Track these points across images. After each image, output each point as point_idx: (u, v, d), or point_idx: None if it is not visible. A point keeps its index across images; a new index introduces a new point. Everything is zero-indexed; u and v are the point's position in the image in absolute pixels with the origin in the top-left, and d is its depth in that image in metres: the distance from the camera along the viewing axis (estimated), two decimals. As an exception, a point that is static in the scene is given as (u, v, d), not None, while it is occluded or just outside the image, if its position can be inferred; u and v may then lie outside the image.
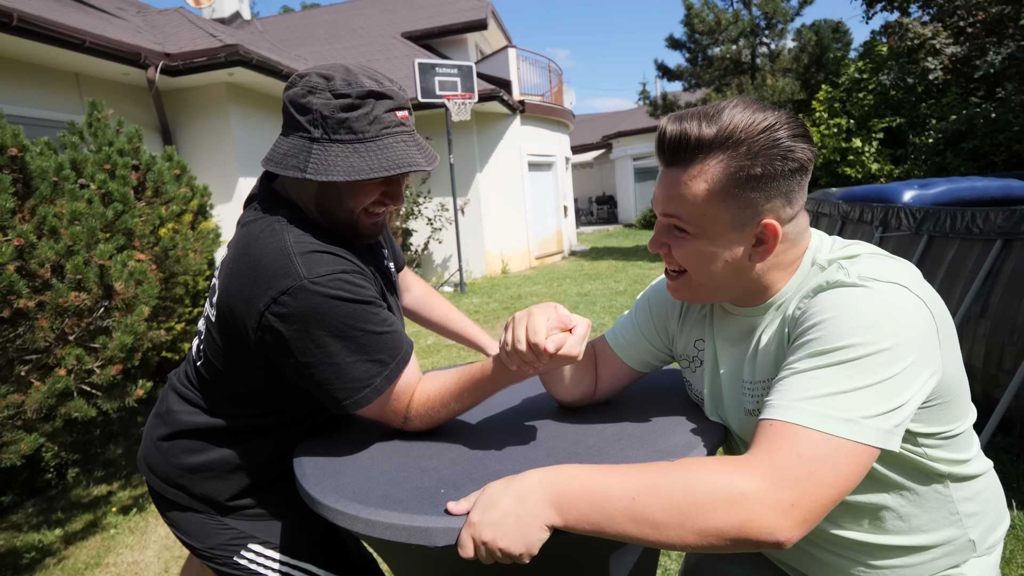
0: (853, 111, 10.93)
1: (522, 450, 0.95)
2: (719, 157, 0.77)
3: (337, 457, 1.00)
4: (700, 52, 12.95)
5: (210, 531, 1.11)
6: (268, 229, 0.98)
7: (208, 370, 1.08)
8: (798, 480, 0.66)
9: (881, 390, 0.69)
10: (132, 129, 3.07)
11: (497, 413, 1.13)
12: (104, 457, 3.60)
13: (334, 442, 1.07)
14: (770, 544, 0.65)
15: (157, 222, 3.01)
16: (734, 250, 0.82)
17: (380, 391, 0.97)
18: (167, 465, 1.12)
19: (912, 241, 3.48)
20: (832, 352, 0.71)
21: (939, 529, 0.86)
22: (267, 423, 1.09)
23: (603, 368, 1.09)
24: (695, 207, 0.80)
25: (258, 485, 1.12)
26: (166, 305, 3.18)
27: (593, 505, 0.70)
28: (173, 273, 2.98)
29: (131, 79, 6.01)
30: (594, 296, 7.78)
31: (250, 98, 6.98)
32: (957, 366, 0.81)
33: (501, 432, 1.03)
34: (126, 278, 2.36)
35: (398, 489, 0.85)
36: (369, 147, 0.95)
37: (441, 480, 0.86)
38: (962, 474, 0.86)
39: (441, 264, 10.73)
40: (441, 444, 1.00)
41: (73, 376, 2.25)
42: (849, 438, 0.67)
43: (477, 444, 0.99)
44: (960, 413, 0.83)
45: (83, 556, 2.60)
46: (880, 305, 0.72)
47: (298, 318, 0.91)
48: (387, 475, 0.90)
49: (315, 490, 0.88)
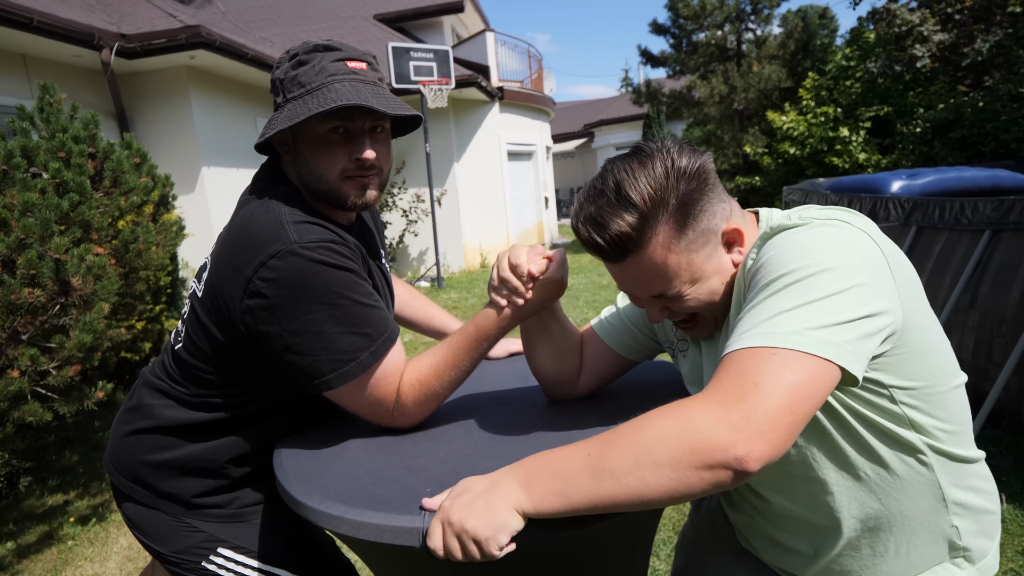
0: (840, 99, 11.10)
1: (512, 448, 0.95)
2: (655, 226, 0.82)
3: (320, 457, 0.99)
4: (685, 38, 13.04)
5: (177, 534, 1.10)
6: (264, 204, 1.03)
7: (188, 351, 1.08)
8: (743, 394, 0.67)
9: (825, 305, 0.71)
10: (88, 115, 3.00)
11: (486, 411, 1.13)
12: (60, 464, 3.53)
13: (316, 441, 1.07)
14: (734, 466, 0.64)
15: (116, 214, 2.95)
16: (720, 265, 0.88)
17: (366, 366, 0.98)
18: (135, 462, 1.11)
19: (900, 232, 3.56)
20: (773, 282, 0.75)
21: (922, 516, 0.87)
22: (242, 415, 1.09)
23: (587, 350, 1.14)
24: (673, 270, 0.85)
25: (228, 484, 1.11)
26: (126, 302, 3.12)
27: (555, 473, 0.72)
28: (134, 268, 2.93)
29: (84, 62, 5.87)
30: (577, 290, 7.82)
31: (213, 83, 6.87)
32: (927, 316, 0.83)
33: (490, 430, 1.04)
34: (83, 273, 2.31)
35: (384, 489, 0.85)
36: (316, 95, 1.00)
37: (428, 479, 0.87)
38: (950, 452, 0.86)
39: (417, 258, 10.69)
40: (428, 443, 1.01)
41: (27, 378, 2.20)
42: (792, 347, 0.68)
43: (465, 443, 0.99)
44: (938, 370, 0.83)
45: (38, 570, 2.55)
46: (821, 236, 0.77)
47: (286, 282, 0.94)
48: (372, 475, 0.90)
49: (298, 491, 0.87)
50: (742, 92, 11.85)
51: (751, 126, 12.47)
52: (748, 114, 12.67)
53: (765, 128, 12.17)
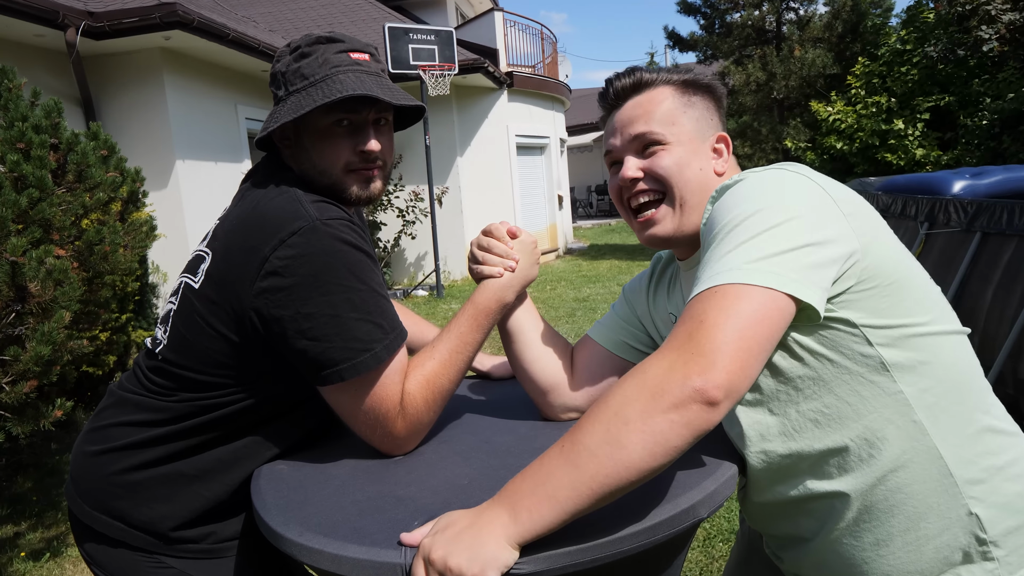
0: (894, 88, 11.10)
1: (509, 477, 0.96)
2: (665, 85, 1.05)
3: (303, 484, 1.01)
4: (717, 18, 13.11)
5: (145, 572, 1.11)
6: (275, 188, 1.10)
7: (175, 352, 1.09)
8: (690, 334, 0.75)
9: (761, 241, 0.80)
10: (50, 102, 3.05)
11: (488, 436, 1.15)
12: (10, 492, 3.56)
13: (300, 467, 1.08)
14: (696, 398, 0.71)
15: (80, 212, 2.99)
16: (703, 159, 1.03)
17: (380, 359, 1.02)
18: (104, 486, 1.11)
19: (962, 239, 3.55)
20: (716, 235, 0.86)
21: (927, 496, 0.87)
22: (231, 425, 1.10)
23: (580, 356, 1.23)
24: (665, 117, 1.02)
25: (211, 512, 1.12)
26: (89, 310, 3.16)
27: (536, 481, 0.76)
28: (99, 272, 2.97)
29: (46, 42, 5.97)
30: (594, 301, 7.83)
31: (190, 67, 6.96)
32: (897, 252, 0.89)
33: (491, 457, 1.05)
34: (43, 277, 2.35)
35: (369, 521, 0.86)
36: (319, 87, 1.08)
37: (418, 511, 0.88)
38: (947, 408, 0.87)
39: (414, 263, 10.74)
40: (422, 470, 1.02)
41: (-22, 394, 2.23)
42: (733, 281, 0.77)
43: (463, 471, 1.00)
44: (919, 308, 0.88)
45: (-13, 609, 2.57)
46: (754, 184, 0.88)
47: (306, 259, 0.99)
48: (358, 505, 0.91)
49: (276, 521, 0.88)
50: (782, 79, 11.86)
51: (792, 118, 12.47)
52: (789, 104, 12.68)
53: (808, 120, 12.17)
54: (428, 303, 8.72)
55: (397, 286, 10.30)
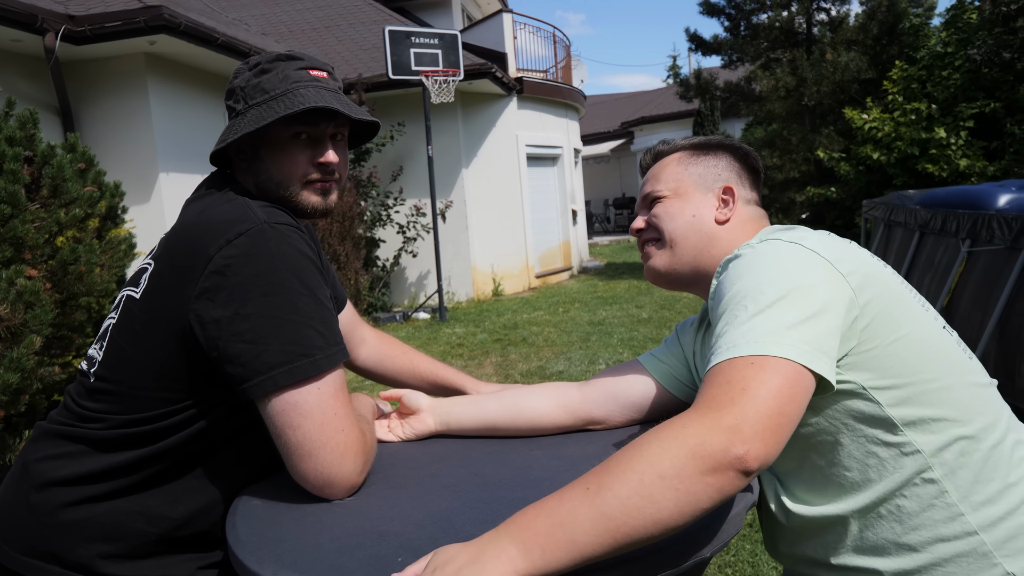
0: (935, 93, 11.10)
1: (505, 511, 0.97)
2: (677, 152, 1.29)
3: (279, 520, 1.02)
4: (742, 19, 13.18)
5: None
6: (222, 196, 1.19)
7: (111, 370, 1.12)
8: (732, 400, 0.82)
9: (777, 310, 0.90)
10: (25, 112, 3.12)
11: (475, 469, 1.16)
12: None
13: (276, 502, 1.10)
14: (736, 465, 0.77)
15: (54, 229, 3.04)
16: (699, 207, 1.20)
17: (320, 368, 1.05)
18: (35, 527, 1.10)
19: (1007, 258, 3.54)
20: (727, 303, 0.96)
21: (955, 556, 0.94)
22: (177, 453, 1.11)
23: (623, 382, 1.31)
24: (667, 175, 1.25)
25: (155, 547, 1.12)
26: (62, 335, 3.19)
27: (554, 519, 0.77)
28: (73, 294, 3.01)
29: (23, 47, 6.08)
30: (610, 325, 7.83)
31: (176, 73, 7.07)
32: (900, 304, 0.99)
33: (482, 489, 1.06)
34: (13, 299, 2.39)
35: (349, 559, 0.87)
36: (280, 100, 1.18)
37: (401, 547, 0.89)
38: (966, 459, 0.95)
39: (415, 283, 10.78)
40: (406, 504, 1.03)
41: (-58, 423, 2.26)
42: (767, 354, 0.86)
43: (449, 505, 1.02)
44: (931, 363, 0.96)
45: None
46: (762, 255, 0.99)
47: (251, 259, 1.05)
48: (337, 541, 0.92)
49: (251, 559, 0.90)
50: (813, 85, 11.90)
51: (825, 126, 12.48)
52: (821, 111, 12.69)
53: (842, 128, 12.17)
54: (430, 327, 8.74)
55: (396, 308, 10.33)
